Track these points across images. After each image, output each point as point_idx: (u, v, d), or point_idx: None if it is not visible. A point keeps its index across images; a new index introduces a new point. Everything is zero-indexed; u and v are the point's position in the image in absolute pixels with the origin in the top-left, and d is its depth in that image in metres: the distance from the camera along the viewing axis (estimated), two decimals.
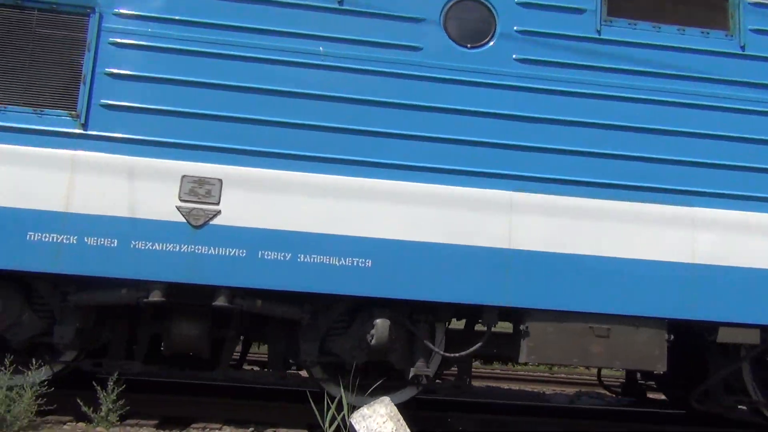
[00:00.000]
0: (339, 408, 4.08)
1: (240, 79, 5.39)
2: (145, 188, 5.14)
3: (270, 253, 5.17)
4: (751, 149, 5.74)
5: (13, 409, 4.68)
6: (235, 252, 5.15)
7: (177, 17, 5.42)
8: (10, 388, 4.77)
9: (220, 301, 5.16)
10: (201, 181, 5.21)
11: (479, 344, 5.55)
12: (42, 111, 5.24)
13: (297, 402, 6.00)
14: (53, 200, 5.08)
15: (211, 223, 5.18)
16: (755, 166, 5.72)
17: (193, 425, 5.54)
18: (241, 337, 6.19)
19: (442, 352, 5.52)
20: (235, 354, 6.17)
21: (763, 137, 5.75)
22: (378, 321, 5.33)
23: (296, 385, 7.60)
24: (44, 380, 5.08)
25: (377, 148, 5.43)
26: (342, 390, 5.31)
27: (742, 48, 5.91)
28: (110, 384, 5.03)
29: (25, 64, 5.32)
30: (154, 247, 5.09)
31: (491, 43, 5.72)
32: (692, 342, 6.20)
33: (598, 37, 5.80)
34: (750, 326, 5.56)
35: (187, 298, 5.21)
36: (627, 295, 5.43)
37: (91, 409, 5.03)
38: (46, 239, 5.05)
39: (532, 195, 5.48)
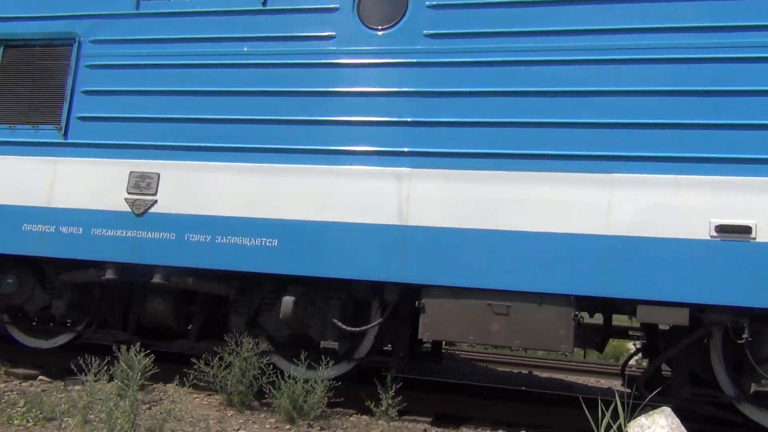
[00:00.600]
0: (615, 415, 3.85)
1: (174, 84, 6.15)
2: (102, 184, 6.14)
3: (194, 235, 5.83)
4: (685, 102, 4.98)
5: (309, 399, 5.19)
6: (167, 235, 5.90)
7: (125, 38, 6.37)
8: (305, 381, 5.29)
9: (157, 279, 5.96)
10: (143, 176, 6.07)
11: (380, 320, 5.64)
12: (38, 127, 6.54)
13: (563, 406, 5.99)
14: (39, 198, 6.33)
15: (149, 211, 6.00)
16: (688, 122, 4.95)
17: (464, 427, 5.66)
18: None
19: (344, 327, 5.70)
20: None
21: (701, 88, 4.97)
22: (284, 297, 5.69)
23: (566, 389, 7.96)
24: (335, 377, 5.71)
25: (288, 136, 5.78)
26: (292, 368, 5.83)
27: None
28: (388, 381, 5.41)
29: (29, 90, 6.68)
30: (107, 233, 6.06)
31: (402, 22, 5.79)
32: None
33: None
34: (678, 305, 4.86)
35: (133, 277, 6.10)
36: (529, 271, 5.08)
37: (373, 403, 5.41)
38: (35, 229, 6.32)
39: (429, 170, 5.40)
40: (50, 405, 4.98)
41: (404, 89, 5.60)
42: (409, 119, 5.53)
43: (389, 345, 6.27)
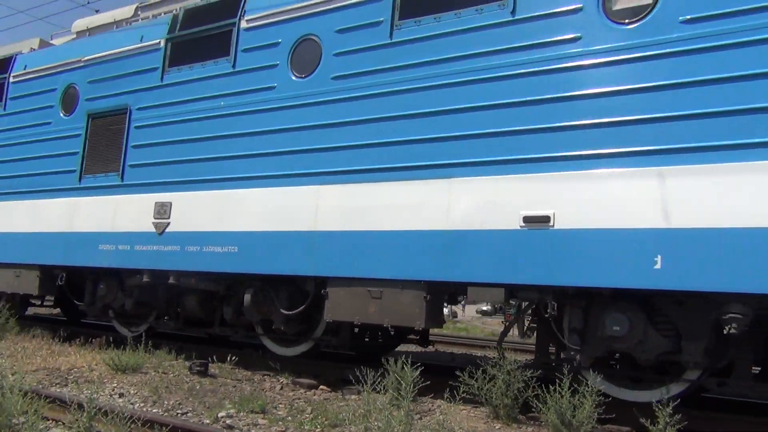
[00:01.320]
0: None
1: (177, 135, 8.43)
2: (140, 213, 8.58)
3: (190, 247, 7.98)
4: (502, 114, 5.90)
5: (578, 414, 5.01)
6: (175, 248, 8.12)
7: (153, 104, 8.80)
8: (572, 395, 5.09)
9: (172, 280, 8.21)
10: (162, 205, 8.41)
11: (304, 305, 7.26)
12: (107, 174, 9.21)
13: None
14: (106, 225, 8.96)
15: (166, 231, 8.29)
16: (505, 130, 5.87)
17: None
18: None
19: (283, 311, 7.39)
20: None
21: (517, 99, 5.85)
22: (246, 292, 7.60)
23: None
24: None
25: (243, 168, 7.68)
26: (271, 343, 7.77)
27: (512, 14, 6.07)
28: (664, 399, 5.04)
29: (104, 148, 9.34)
30: (143, 249, 8.47)
31: (317, 70, 7.35)
32: None
33: (390, 41, 6.84)
34: (497, 286, 5.80)
35: (159, 280, 8.41)
36: (395, 263, 6.34)
37: (649, 421, 4.89)
38: (105, 248, 8.90)
39: (330, 186, 6.91)
40: (333, 412, 5.45)
41: (319, 123, 7.18)
42: (316, 146, 7.13)
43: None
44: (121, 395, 6.05)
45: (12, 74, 11.00)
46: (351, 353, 8.33)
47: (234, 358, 7.80)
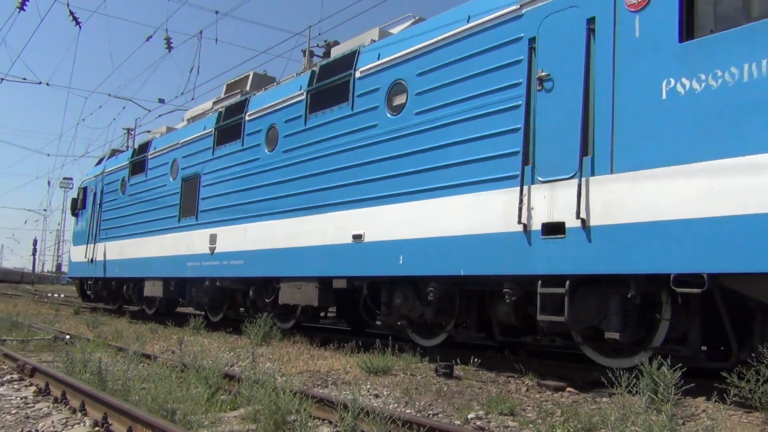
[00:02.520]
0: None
1: (204, 194, 13.60)
2: (203, 242, 13.52)
3: (226, 261, 12.73)
4: (346, 173, 9.98)
5: None
6: (219, 262, 12.93)
7: (210, 170, 14.06)
8: None
9: (219, 284, 13.17)
10: (212, 235, 13.32)
11: (273, 296, 11.86)
12: (188, 218, 14.30)
13: None
14: (190, 250, 14.19)
15: (215, 251, 13.12)
16: (346, 183, 9.94)
17: None
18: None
19: (266, 300, 12.28)
20: None
21: (353, 163, 9.91)
22: (250, 287, 12.68)
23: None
24: None
25: (246, 211, 12.22)
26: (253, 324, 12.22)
27: (353, 109, 10.01)
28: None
29: (188, 200, 14.36)
30: (204, 264, 13.41)
31: (276, 147, 11.75)
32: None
33: (304, 127, 11.00)
34: (341, 278, 9.99)
35: (212, 283, 13.43)
36: (307, 266, 10.49)
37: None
38: (190, 264, 13.96)
39: (278, 219, 11.37)
40: (585, 416, 5.19)
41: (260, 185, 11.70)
42: (271, 197, 11.71)
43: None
44: (376, 396, 6.42)
45: (149, 153, 16.89)
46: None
47: (477, 360, 7.90)
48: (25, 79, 26.08)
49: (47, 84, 33.99)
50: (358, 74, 9.97)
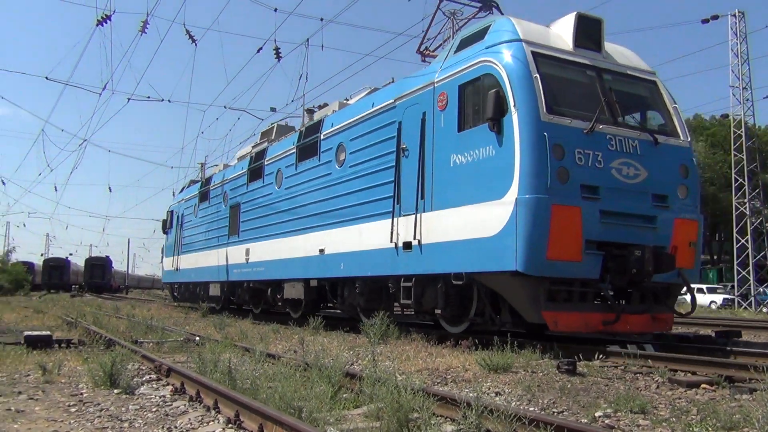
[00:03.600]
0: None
1: (242, 218, 18.26)
2: (241, 254, 18.34)
3: (255, 268, 17.44)
4: (319, 205, 14.31)
5: None
6: (251, 269, 17.67)
7: (244, 201, 19.00)
8: None
9: (252, 285, 18.28)
10: (247, 249, 18.05)
11: (281, 293, 16.47)
12: (231, 237, 19.24)
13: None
14: (235, 261, 19.08)
15: (249, 261, 17.86)
16: (318, 212, 14.20)
17: None
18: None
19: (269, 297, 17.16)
20: None
21: (321, 199, 14.28)
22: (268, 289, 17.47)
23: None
24: None
25: (264, 231, 16.89)
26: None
27: (319, 160, 14.28)
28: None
29: (235, 222, 19.29)
30: (243, 271, 18.30)
31: (277, 188, 16.28)
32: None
33: (295, 171, 15.30)
34: (314, 279, 14.48)
35: (248, 285, 18.59)
36: (294, 270, 14.89)
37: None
38: (235, 271, 19.12)
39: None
40: (725, 414, 5.00)
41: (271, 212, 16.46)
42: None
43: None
44: (497, 394, 6.33)
45: (210, 186, 22.14)
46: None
47: (601, 356, 7.64)
48: (149, 97, 28.10)
49: (168, 101, 36.13)
50: (322, 136, 14.35)
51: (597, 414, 5.42)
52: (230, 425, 5.09)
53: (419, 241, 10.43)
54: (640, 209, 9.26)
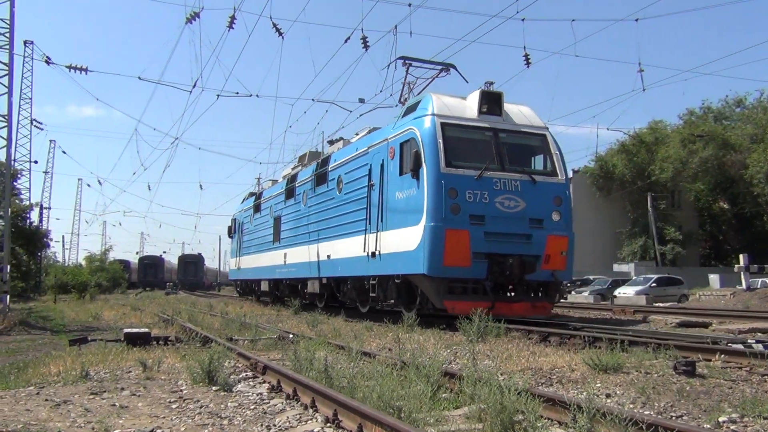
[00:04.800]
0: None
1: (282, 228, 23.58)
2: (279, 259, 23.46)
3: (289, 269, 22.69)
4: (326, 222, 19.26)
5: None
6: (288, 269, 22.84)
7: (282, 214, 24.46)
8: None
9: (289, 282, 23.52)
10: (285, 253, 23.06)
11: (305, 289, 21.72)
12: (275, 243, 24.34)
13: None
14: (277, 262, 24.31)
15: (286, 263, 23.01)
16: (326, 227, 19.12)
17: None
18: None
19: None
20: None
21: (328, 216, 19.17)
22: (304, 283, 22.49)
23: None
24: None
25: (294, 240, 21.99)
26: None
27: (327, 187, 19.18)
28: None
29: (277, 230, 24.49)
30: (282, 270, 23.40)
31: (303, 206, 21.32)
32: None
33: (314, 194, 20.31)
34: (323, 277, 19.60)
35: (286, 282, 23.71)
36: (314, 272, 19.76)
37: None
38: (278, 271, 24.54)
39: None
40: None
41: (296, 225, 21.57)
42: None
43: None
44: (608, 396, 6.16)
45: (262, 200, 27.49)
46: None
47: (722, 356, 7.30)
48: (237, 93, 29.14)
49: (257, 96, 37.38)
50: (329, 168, 19.19)
51: (721, 419, 5.18)
52: (329, 424, 5.17)
53: (379, 252, 15.15)
54: (519, 230, 13.49)
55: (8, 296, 19.51)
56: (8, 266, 19.52)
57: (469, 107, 14.27)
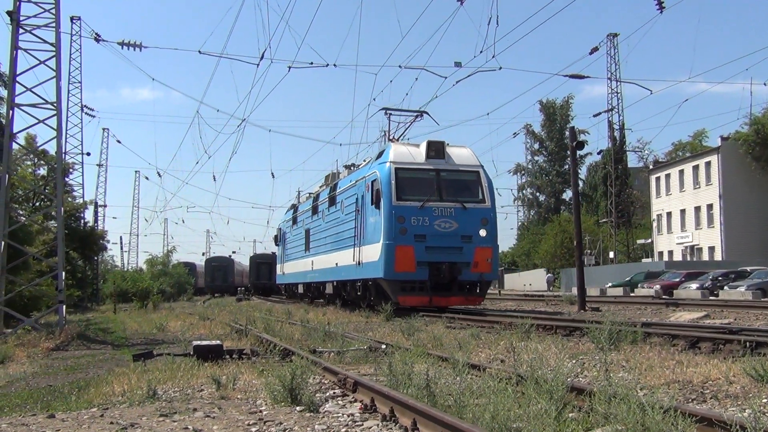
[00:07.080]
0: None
1: (310, 239, 33.29)
2: (306, 266, 33.71)
3: (316, 274, 32.93)
4: (334, 236, 29.08)
5: None
6: (315, 274, 32.88)
7: (311, 227, 34.47)
8: None
9: (315, 284, 33.62)
10: (313, 261, 33.34)
11: (325, 290, 32.91)
12: (307, 252, 34.69)
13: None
14: (307, 269, 34.77)
15: (313, 269, 32.94)
16: (333, 241, 28.94)
17: None
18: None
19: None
20: None
21: (334, 231, 29.24)
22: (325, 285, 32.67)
23: None
24: None
25: (318, 249, 32.11)
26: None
27: (336, 207, 28.93)
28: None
29: (307, 240, 35.49)
30: (311, 275, 33.76)
31: (322, 221, 31.50)
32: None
33: (328, 212, 30.12)
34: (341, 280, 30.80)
35: (315, 285, 34.01)
36: (331, 276, 30.46)
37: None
38: (308, 276, 35.22)
39: (314, 256, 30.68)
40: None
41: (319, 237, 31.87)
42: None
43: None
44: None
45: (298, 213, 37.69)
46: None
47: None
48: (311, 63, 28.95)
49: (334, 65, 37.36)
50: (337, 192, 27.92)
51: None
52: None
53: (361, 261, 23.27)
54: (452, 244, 21.43)
55: (64, 307, 19.38)
56: (63, 273, 19.47)
57: (419, 153, 22.43)
